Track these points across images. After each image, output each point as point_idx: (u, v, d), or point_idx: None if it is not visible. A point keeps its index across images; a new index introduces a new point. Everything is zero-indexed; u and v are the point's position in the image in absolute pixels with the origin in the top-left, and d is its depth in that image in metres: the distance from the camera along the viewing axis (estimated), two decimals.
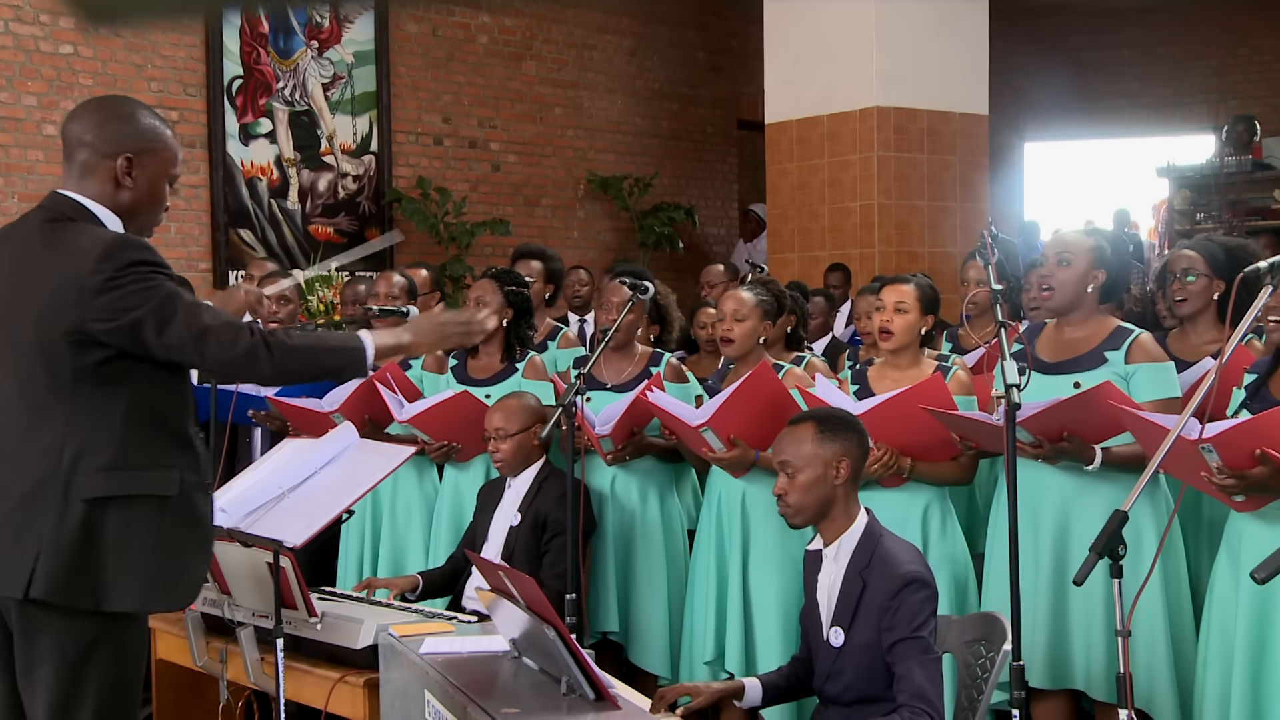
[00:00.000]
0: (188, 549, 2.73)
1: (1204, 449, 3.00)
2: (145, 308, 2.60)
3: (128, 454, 2.63)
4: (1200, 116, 12.14)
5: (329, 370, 2.89)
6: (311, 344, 2.85)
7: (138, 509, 2.64)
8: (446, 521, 4.55)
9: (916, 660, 2.85)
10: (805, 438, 3.03)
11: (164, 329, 2.61)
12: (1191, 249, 3.99)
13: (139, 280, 2.60)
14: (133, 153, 2.73)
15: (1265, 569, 2.08)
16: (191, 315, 2.66)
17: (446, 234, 9.29)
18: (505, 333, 4.61)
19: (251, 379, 2.77)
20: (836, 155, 8.15)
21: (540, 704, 2.71)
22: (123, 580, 2.61)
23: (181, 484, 2.69)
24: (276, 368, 2.72)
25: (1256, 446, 2.95)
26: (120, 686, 2.67)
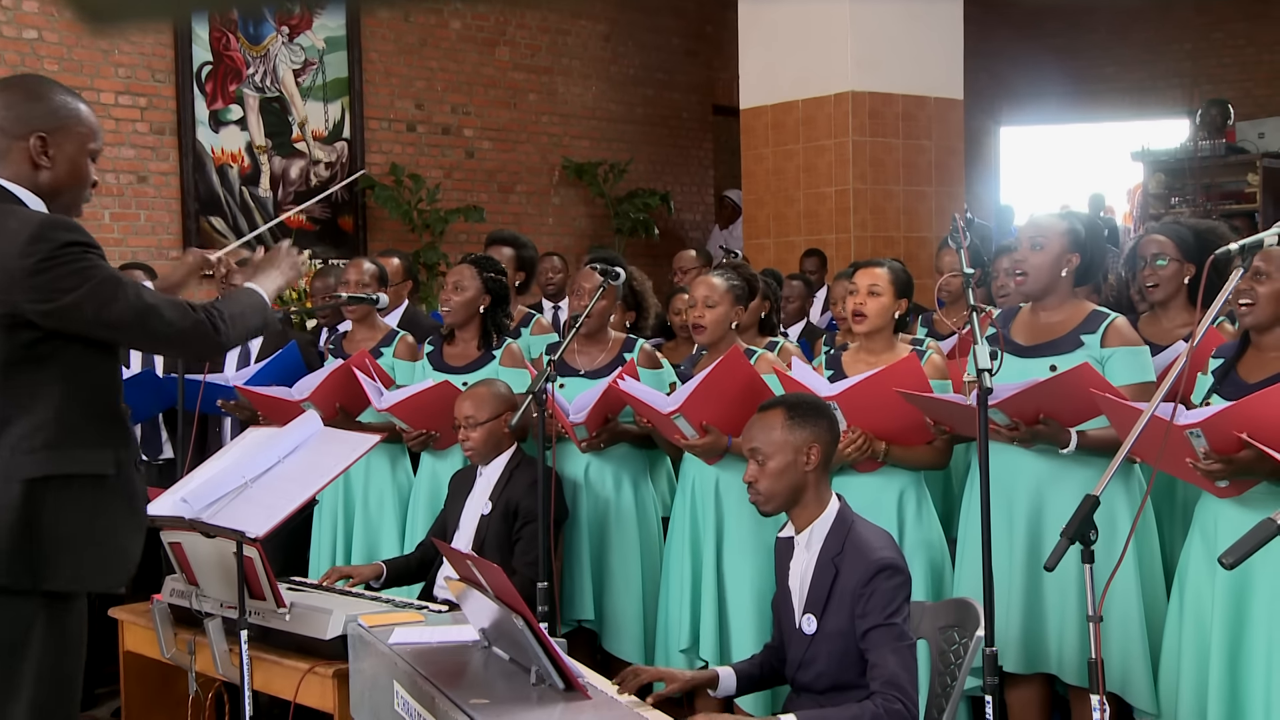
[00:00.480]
0: (124, 528, 2.73)
1: (1192, 434, 2.99)
2: (83, 289, 2.58)
3: (64, 433, 2.63)
4: (1175, 101, 12.17)
5: (261, 327, 2.93)
6: (245, 308, 2.87)
7: (75, 489, 2.64)
8: (424, 509, 4.52)
9: (890, 647, 2.83)
10: (775, 424, 3.01)
11: (105, 309, 2.61)
12: (1161, 233, 3.98)
13: (73, 261, 2.59)
14: (45, 131, 2.69)
15: (1234, 554, 2.06)
16: (132, 294, 2.66)
17: (420, 221, 9.23)
18: (482, 320, 4.57)
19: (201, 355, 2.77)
20: (812, 140, 8.13)
21: (509, 694, 2.68)
22: (61, 560, 2.61)
23: (117, 463, 2.70)
24: (226, 340, 2.75)
25: (1245, 430, 2.94)
26: (58, 675, 2.66)
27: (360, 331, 4.86)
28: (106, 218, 8.01)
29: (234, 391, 4.65)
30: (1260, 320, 3.21)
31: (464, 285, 4.51)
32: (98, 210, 7.95)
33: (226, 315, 2.74)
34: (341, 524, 4.71)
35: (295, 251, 3.16)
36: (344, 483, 4.68)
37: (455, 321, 4.56)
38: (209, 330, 2.71)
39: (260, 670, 3.52)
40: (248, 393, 4.57)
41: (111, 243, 7.98)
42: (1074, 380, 3.32)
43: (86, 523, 2.64)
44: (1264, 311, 3.19)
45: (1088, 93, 12.67)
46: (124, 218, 8.10)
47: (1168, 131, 11.43)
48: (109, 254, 8.04)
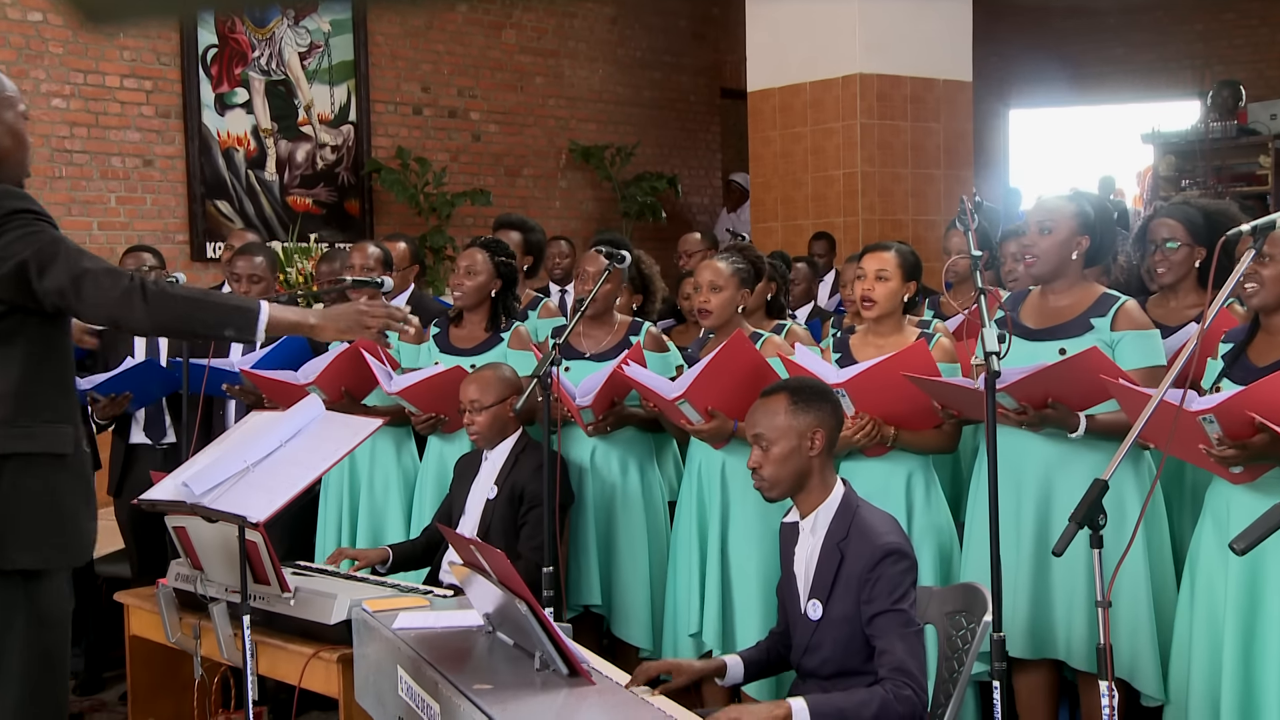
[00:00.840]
0: (80, 505, 2.77)
1: (1205, 420, 2.96)
2: (28, 252, 2.62)
3: (25, 409, 2.66)
4: (1185, 82, 12.08)
5: (211, 327, 2.89)
6: (196, 297, 2.86)
7: (36, 466, 2.67)
8: (430, 493, 4.51)
9: (897, 633, 2.81)
10: (778, 409, 2.98)
11: (45, 272, 2.64)
12: (1171, 216, 3.92)
13: (22, 227, 2.64)
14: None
15: (1245, 540, 2.03)
16: (72, 259, 2.69)
17: (427, 205, 9.21)
18: (492, 303, 4.56)
19: (128, 325, 2.78)
20: (819, 123, 8.09)
21: (513, 679, 2.67)
22: (24, 537, 2.64)
23: (75, 440, 2.74)
24: (151, 314, 2.74)
25: (1256, 415, 2.90)
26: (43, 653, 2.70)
27: None
28: (112, 201, 8.00)
29: (239, 375, 4.63)
30: (1266, 302, 3.17)
31: (476, 270, 4.51)
32: (104, 194, 7.94)
33: (154, 296, 2.73)
34: (347, 508, 4.69)
35: (370, 312, 3.07)
36: (349, 467, 4.67)
37: (467, 305, 4.55)
38: (130, 306, 2.71)
39: (265, 655, 3.51)
40: (253, 376, 4.55)
41: (117, 226, 7.98)
42: (1083, 364, 3.28)
43: (47, 500, 2.67)
44: (1270, 293, 3.16)
45: (1097, 75, 12.59)
46: (130, 201, 8.08)
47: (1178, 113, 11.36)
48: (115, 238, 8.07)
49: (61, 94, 7.77)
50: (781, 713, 2.68)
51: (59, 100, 7.76)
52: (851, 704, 2.74)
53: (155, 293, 2.73)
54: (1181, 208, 3.95)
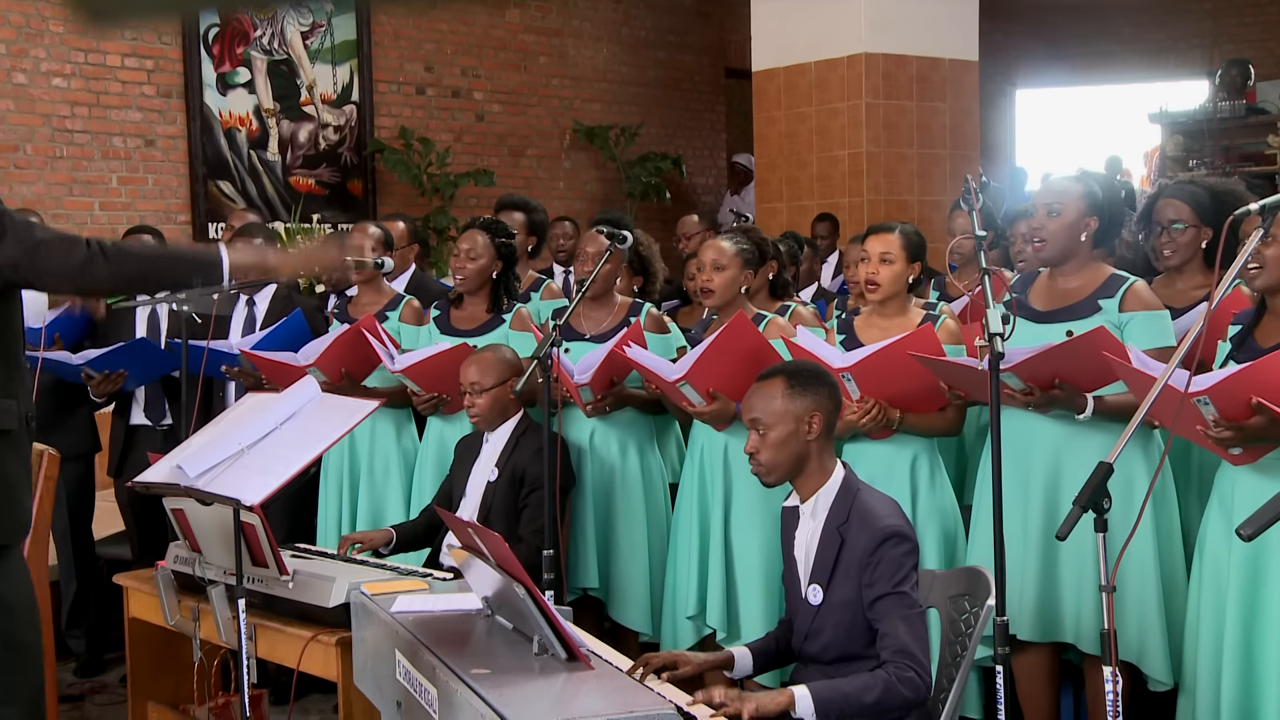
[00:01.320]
0: (22, 481, 2.77)
1: (1200, 401, 2.93)
2: None
3: None
4: (1194, 61, 11.99)
5: (177, 278, 2.92)
6: (158, 252, 2.87)
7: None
8: (430, 474, 4.49)
9: (900, 616, 2.79)
10: (775, 393, 2.94)
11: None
12: (1177, 197, 3.86)
13: None
14: None
15: (1252, 525, 2.00)
16: (23, 231, 2.67)
17: (430, 185, 9.16)
18: (493, 284, 4.53)
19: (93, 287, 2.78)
20: (824, 103, 8.03)
21: (511, 663, 2.64)
22: None
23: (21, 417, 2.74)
24: (114, 272, 2.76)
25: (1252, 396, 2.87)
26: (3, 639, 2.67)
27: (366, 296, 4.81)
28: (114, 181, 7.97)
29: (238, 357, 4.61)
30: (1269, 283, 3.14)
31: (477, 253, 4.47)
32: (105, 174, 7.91)
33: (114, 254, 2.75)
34: (347, 490, 4.67)
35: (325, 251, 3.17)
36: (349, 448, 4.65)
37: (469, 289, 4.52)
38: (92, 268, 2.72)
39: (264, 638, 3.50)
40: (253, 357, 4.53)
41: (119, 207, 7.95)
42: (1090, 344, 3.25)
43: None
44: (1273, 274, 3.12)
45: (1105, 54, 12.50)
46: (131, 181, 8.05)
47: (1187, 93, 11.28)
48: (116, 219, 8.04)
49: (62, 73, 7.73)
50: (784, 700, 2.66)
51: (59, 80, 7.72)
52: (854, 688, 2.71)
53: (116, 252, 2.75)
54: (1187, 188, 3.89)
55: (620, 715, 2.35)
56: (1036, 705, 3.68)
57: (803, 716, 2.68)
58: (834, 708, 2.69)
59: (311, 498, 4.79)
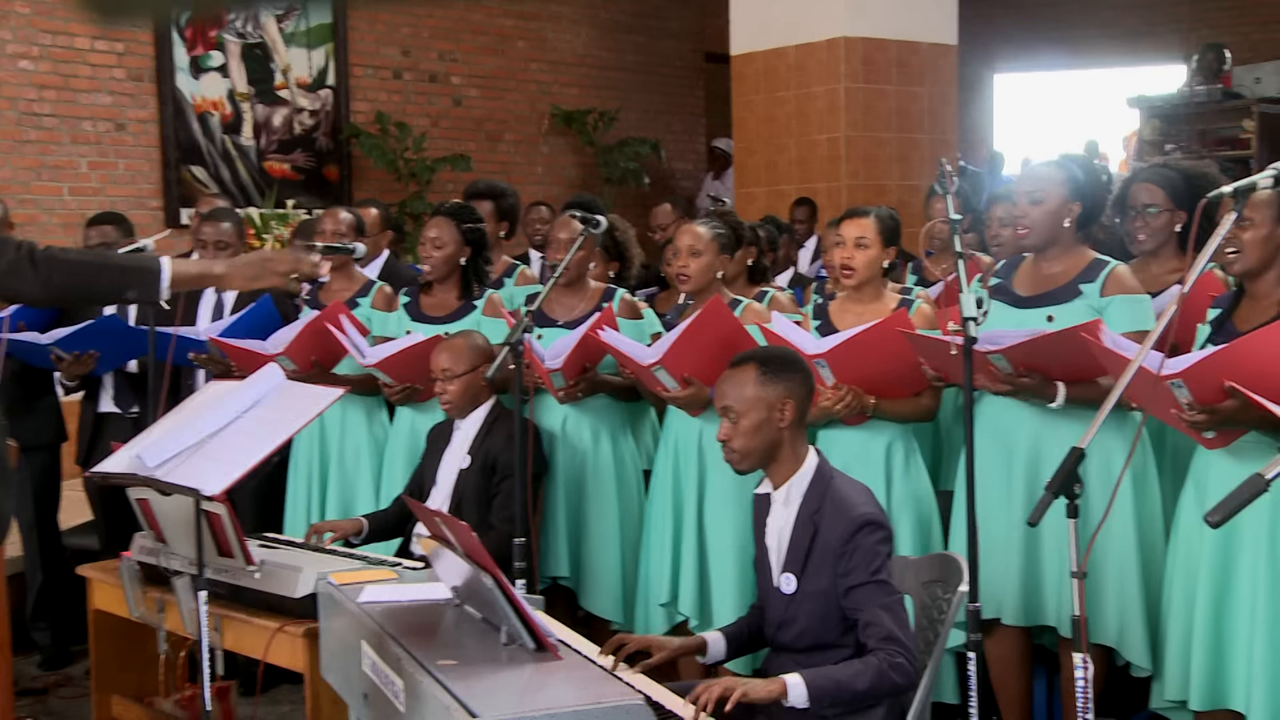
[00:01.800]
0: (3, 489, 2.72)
1: (1174, 385, 2.90)
2: None
3: None
4: (1171, 46, 11.98)
5: (111, 291, 2.82)
6: (91, 260, 2.78)
7: None
8: (401, 463, 4.43)
9: (881, 603, 2.75)
10: (747, 380, 2.90)
11: None
12: (1151, 180, 3.84)
13: None
14: None
15: (1220, 512, 1.97)
16: None
17: (406, 170, 9.10)
18: (463, 270, 4.47)
19: (20, 295, 2.71)
20: (803, 87, 7.99)
21: (479, 654, 2.60)
22: None
23: None
24: (44, 282, 2.67)
25: (1226, 379, 2.85)
26: None
27: (337, 282, 4.75)
28: (84, 166, 7.87)
29: (206, 344, 4.55)
30: (1247, 267, 3.12)
31: (443, 241, 4.41)
32: (74, 159, 7.82)
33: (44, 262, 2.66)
34: (317, 479, 4.62)
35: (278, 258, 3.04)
36: (319, 437, 4.59)
37: (438, 277, 4.46)
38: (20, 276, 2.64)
39: (230, 629, 3.46)
40: (221, 344, 4.47)
41: (89, 192, 7.86)
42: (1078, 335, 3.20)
43: None
44: (1251, 258, 3.11)
45: (1084, 38, 12.49)
46: (102, 166, 7.96)
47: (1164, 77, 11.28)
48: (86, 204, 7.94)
49: (29, 55, 7.62)
50: (778, 688, 2.63)
51: (26, 62, 7.62)
52: (847, 675, 2.69)
53: (46, 259, 2.65)
54: (1161, 171, 3.87)
55: (588, 706, 2.31)
56: (1009, 691, 3.66)
57: (795, 704, 2.66)
58: (827, 695, 2.66)
59: (280, 487, 4.73)
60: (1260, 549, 3.01)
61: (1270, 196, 3.06)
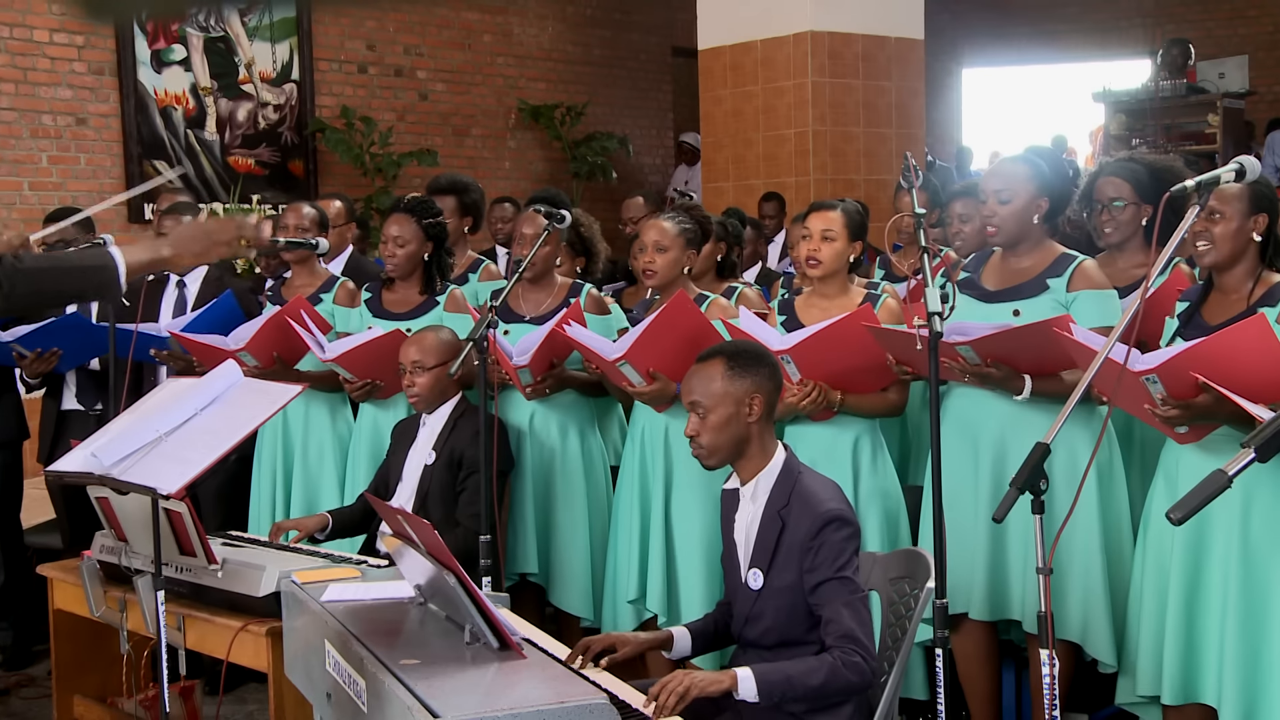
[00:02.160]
0: None
1: (1148, 380, 2.91)
2: None
3: None
4: (1137, 41, 12.06)
5: (73, 295, 2.77)
6: (51, 265, 2.72)
7: None
8: (365, 460, 4.39)
9: (843, 601, 2.74)
10: (714, 375, 2.88)
11: None
12: (1117, 174, 3.84)
13: None
14: None
15: (1182, 509, 1.97)
16: None
17: (372, 165, 9.04)
18: (424, 265, 4.44)
19: None
20: (770, 81, 7.98)
21: (443, 654, 2.58)
22: None
23: None
24: (5, 295, 2.62)
25: (1199, 374, 2.85)
26: None
27: (300, 277, 4.71)
28: (44, 160, 7.78)
29: (168, 340, 4.49)
30: (1218, 261, 3.13)
31: (405, 239, 4.36)
32: (34, 153, 7.72)
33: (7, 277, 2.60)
34: (281, 476, 4.57)
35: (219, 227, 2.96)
36: (283, 433, 4.55)
37: (401, 274, 4.42)
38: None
39: (193, 628, 3.42)
40: (183, 340, 4.41)
41: (50, 187, 7.76)
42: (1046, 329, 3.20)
43: None
44: (1221, 252, 3.12)
45: (1050, 33, 12.55)
46: (62, 161, 7.86)
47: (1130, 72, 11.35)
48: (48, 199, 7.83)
49: None
50: (726, 680, 2.62)
51: None
52: (799, 671, 2.67)
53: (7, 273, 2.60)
54: (1127, 165, 3.88)
55: (552, 706, 2.28)
56: (976, 686, 3.67)
57: (745, 698, 2.65)
58: (777, 689, 2.65)
59: (245, 484, 4.69)
60: (1231, 542, 3.01)
61: (1241, 190, 3.07)
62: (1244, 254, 3.12)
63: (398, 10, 9.51)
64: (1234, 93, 9.63)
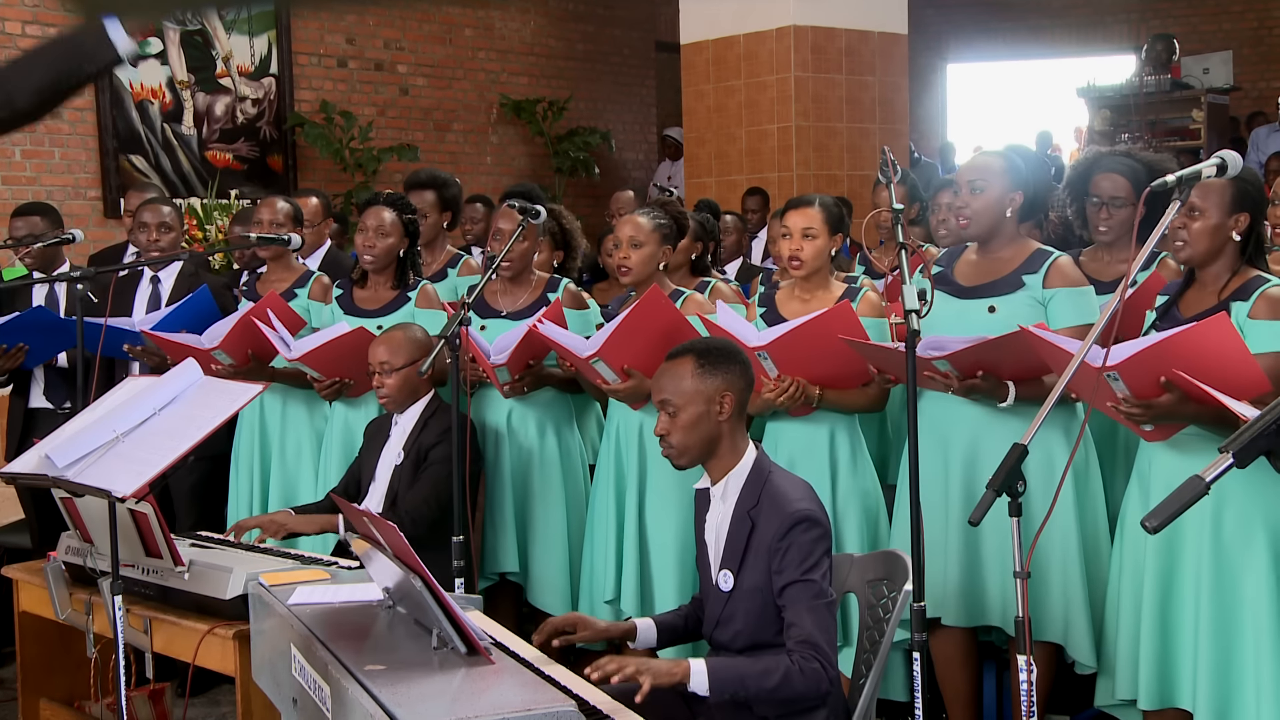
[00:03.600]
0: None
1: (1109, 377, 2.86)
2: None
3: None
4: (1121, 36, 12.05)
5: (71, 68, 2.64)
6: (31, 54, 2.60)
7: None
8: (336, 459, 4.33)
9: (806, 605, 2.69)
10: (684, 373, 2.83)
11: None
12: (1117, 172, 3.76)
13: None
14: None
15: (1158, 516, 1.92)
16: None
17: (352, 160, 8.96)
18: (398, 261, 4.37)
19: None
20: (753, 76, 7.94)
21: (409, 659, 2.52)
22: None
23: None
24: None
25: (1161, 372, 2.81)
26: None
27: (275, 273, 4.64)
28: (18, 155, 7.68)
29: (141, 336, 4.42)
30: (1194, 256, 3.08)
31: (387, 230, 4.30)
32: (7, 147, 7.62)
33: None
34: (259, 473, 4.51)
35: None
36: (260, 431, 4.50)
37: (378, 267, 4.35)
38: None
39: (160, 631, 3.36)
40: (155, 338, 4.34)
41: (24, 181, 7.67)
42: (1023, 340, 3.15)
43: None
44: (1198, 248, 3.07)
45: (1035, 28, 12.52)
46: (36, 155, 7.76)
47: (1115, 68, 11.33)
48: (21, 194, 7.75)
49: None
50: (680, 671, 2.58)
51: None
52: (754, 671, 2.63)
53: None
54: (1125, 162, 3.79)
55: (518, 713, 2.23)
56: (955, 689, 3.62)
57: (696, 690, 2.60)
58: (729, 686, 2.61)
59: (221, 482, 4.62)
60: (1204, 545, 2.98)
61: (1223, 187, 3.02)
62: (1221, 251, 3.07)
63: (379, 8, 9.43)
64: (1218, 88, 9.61)
